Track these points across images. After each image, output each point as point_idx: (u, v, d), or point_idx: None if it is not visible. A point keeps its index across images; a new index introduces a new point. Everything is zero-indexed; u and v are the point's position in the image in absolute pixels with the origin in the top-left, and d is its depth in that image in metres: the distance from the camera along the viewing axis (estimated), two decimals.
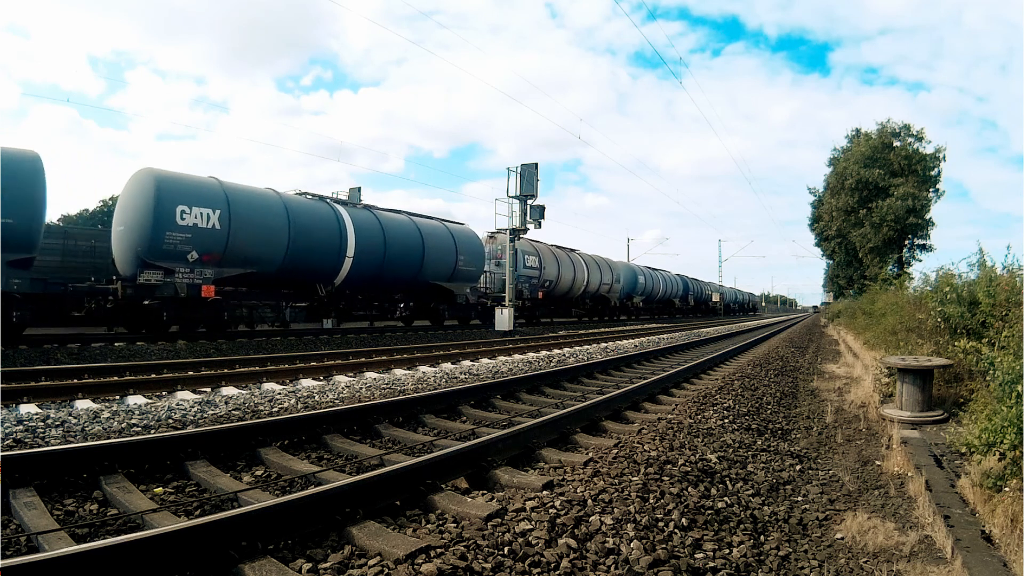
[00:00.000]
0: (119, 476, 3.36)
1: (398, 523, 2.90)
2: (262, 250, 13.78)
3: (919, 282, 11.42)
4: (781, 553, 2.98)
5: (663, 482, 3.51)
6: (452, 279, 19.66)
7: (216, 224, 12.77)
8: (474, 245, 20.97)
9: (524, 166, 20.46)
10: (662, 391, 7.18)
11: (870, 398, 6.99)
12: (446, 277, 19.43)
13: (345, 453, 4.22)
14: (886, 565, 2.88)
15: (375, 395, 6.48)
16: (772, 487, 3.99)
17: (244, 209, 13.41)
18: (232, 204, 13.13)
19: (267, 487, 3.46)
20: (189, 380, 6.94)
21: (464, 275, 20.25)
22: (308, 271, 14.94)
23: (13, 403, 5.50)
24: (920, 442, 4.97)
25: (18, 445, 4.09)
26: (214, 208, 12.78)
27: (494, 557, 2.43)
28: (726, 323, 36.67)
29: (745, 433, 5.31)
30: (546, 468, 3.89)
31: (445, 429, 5.07)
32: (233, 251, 13.11)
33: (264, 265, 13.86)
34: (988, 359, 4.56)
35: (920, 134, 28.89)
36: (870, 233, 27.78)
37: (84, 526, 2.76)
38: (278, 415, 5.25)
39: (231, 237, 13.00)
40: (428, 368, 9.13)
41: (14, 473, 3.07)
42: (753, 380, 8.40)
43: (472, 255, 20.50)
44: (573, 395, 6.95)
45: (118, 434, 4.55)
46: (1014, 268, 7.09)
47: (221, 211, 12.86)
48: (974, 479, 3.64)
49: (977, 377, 6.04)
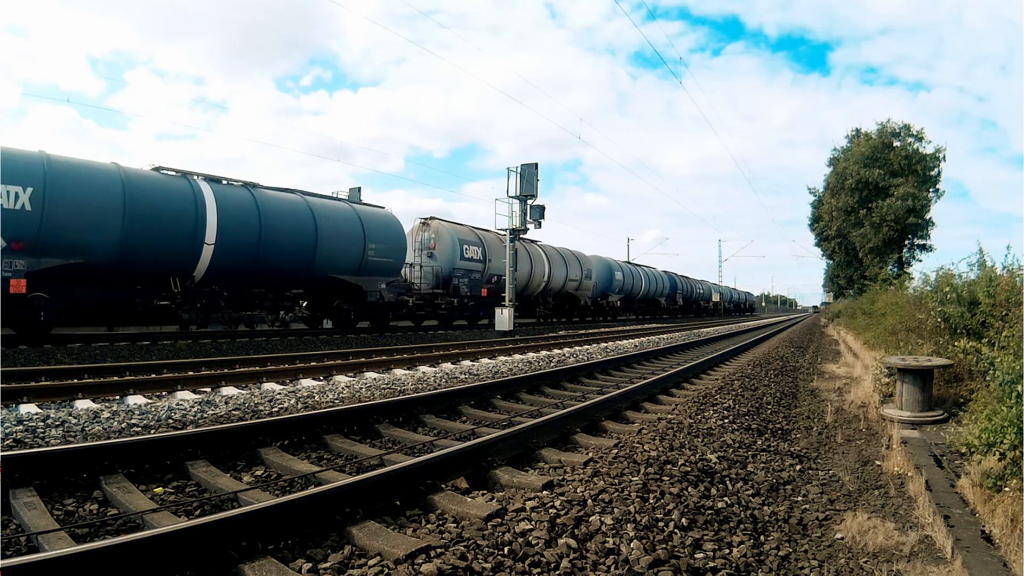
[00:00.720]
0: (119, 476, 3.36)
1: (398, 523, 2.90)
2: (89, 236, 11.29)
3: (919, 282, 11.44)
4: (781, 553, 2.98)
5: (663, 482, 3.51)
6: (361, 272, 16.31)
7: (27, 204, 10.47)
8: (392, 231, 17.53)
9: (524, 166, 20.45)
10: (662, 391, 7.18)
11: (870, 398, 6.99)
12: (352, 270, 16.08)
13: (345, 453, 4.22)
14: (886, 565, 2.88)
15: (375, 395, 6.48)
16: (772, 487, 3.99)
17: (65, 187, 11.07)
18: (50, 181, 10.86)
19: (267, 487, 3.46)
20: (189, 380, 6.94)
21: (377, 267, 16.75)
22: (154, 262, 12.36)
23: (13, 403, 5.50)
24: (920, 442, 4.97)
25: (18, 445, 4.09)
26: (25, 185, 10.52)
27: (494, 557, 2.43)
28: (718, 324, 35.01)
29: (745, 433, 5.31)
30: (546, 468, 3.89)
31: (445, 429, 5.07)
32: (49, 237, 10.75)
33: (93, 254, 11.38)
34: (988, 359, 4.56)
35: (920, 134, 28.90)
36: (870, 233, 27.77)
37: (84, 526, 2.77)
38: (278, 415, 5.25)
39: (45, 219, 10.65)
40: (428, 368, 9.13)
41: (14, 473, 3.07)
42: (753, 380, 8.40)
43: (388, 243, 17.07)
44: (573, 395, 6.95)
45: (118, 434, 4.55)
46: (1014, 268, 7.09)
47: (34, 189, 10.60)
48: (974, 479, 3.64)
49: (977, 377, 6.04)
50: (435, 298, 20.09)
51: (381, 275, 17.12)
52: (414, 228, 20.95)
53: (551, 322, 28.18)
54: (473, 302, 21.69)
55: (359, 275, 16.33)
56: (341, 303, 16.42)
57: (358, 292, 16.48)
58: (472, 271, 21.55)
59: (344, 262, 15.87)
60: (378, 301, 17.13)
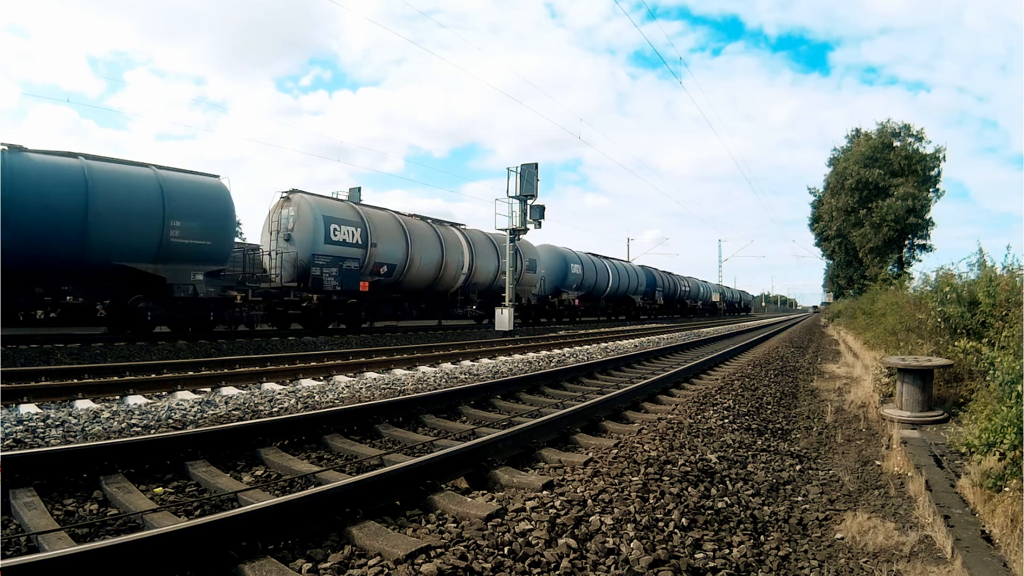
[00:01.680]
0: (119, 476, 3.36)
1: (398, 523, 2.90)
2: None
3: (919, 282, 11.43)
4: (781, 553, 2.98)
5: (663, 482, 3.51)
6: (162, 258, 12.32)
7: None
8: (213, 205, 13.30)
9: (524, 166, 20.47)
10: (662, 391, 7.18)
11: (870, 398, 6.99)
12: (148, 255, 12.17)
13: (345, 453, 4.22)
14: (886, 565, 2.88)
15: (375, 395, 6.48)
16: (772, 487, 3.99)
17: None
18: None
19: (267, 487, 3.46)
20: (189, 380, 6.94)
21: (187, 252, 12.66)
22: None
23: (13, 403, 5.50)
24: (920, 442, 4.97)
25: (18, 445, 4.10)
26: None
27: (494, 557, 2.43)
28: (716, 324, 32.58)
29: (745, 433, 5.31)
30: (546, 468, 3.89)
31: (445, 429, 5.07)
32: None
33: None
34: (988, 359, 4.56)
35: (920, 134, 28.92)
36: (870, 233, 27.78)
37: (84, 526, 2.77)
38: (278, 415, 5.25)
39: None
40: (428, 368, 9.13)
41: (14, 473, 3.07)
42: (753, 380, 8.39)
43: (206, 220, 13.01)
44: (573, 395, 6.95)
45: (118, 434, 4.55)
46: (1014, 268, 7.09)
47: None
48: (974, 479, 3.64)
49: (977, 377, 6.04)
50: (287, 293, 15.43)
51: (195, 263, 12.90)
52: (274, 205, 16.42)
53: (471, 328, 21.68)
54: (347, 298, 16.44)
55: (159, 262, 12.32)
56: (135, 299, 12.31)
57: (159, 285, 12.47)
58: (344, 258, 16.20)
59: (134, 245, 11.93)
60: (190, 296, 12.88)
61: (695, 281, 54.13)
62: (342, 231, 16.21)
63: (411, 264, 18.34)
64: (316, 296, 15.57)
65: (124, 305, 12.32)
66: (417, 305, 19.66)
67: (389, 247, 17.65)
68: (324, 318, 16.22)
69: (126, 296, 12.33)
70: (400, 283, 18.44)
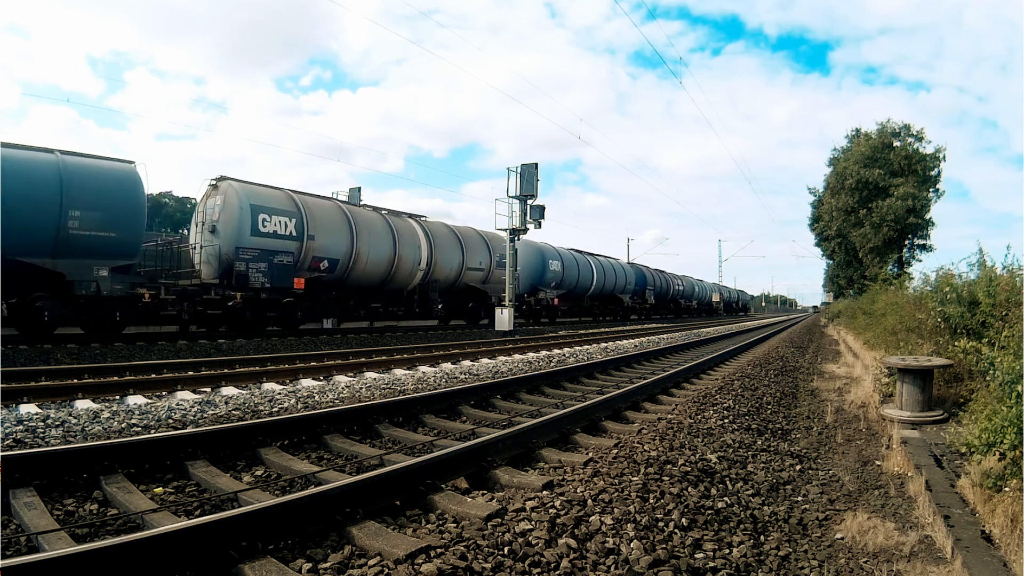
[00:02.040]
0: (119, 476, 3.36)
1: (398, 523, 2.90)
2: None
3: (919, 282, 11.44)
4: (781, 553, 2.98)
5: (663, 482, 3.51)
6: (60, 253, 11.20)
7: None
8: (120, 193, 12.05)
9: (524, 166, 20.47)
10: (662, 391, 7.18)
11: (870, 398, 6.99)
12: (45, 250, 11.07)
13: (345, 453, 4.22)
14: (886, 565, 2.88)
15: (375, 395, 6.48)
16: (772, 487, 3.99)
17: None
18: None
19: (267, 487, 3.46)
20: (189, 380, 6.94)
21: (90, 246, 11.51)
22: None
23: (13, 403, 5.50)
24: (920, 442, 4.97)
25: (18, 445, 4.10)
26: None
27: (494, 557, 2.43)
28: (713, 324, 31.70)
29: (745, 433, 5.31)
30: (546, 468, 3.89)
31: (445, 429, 5.07)
32: None
33: None
34: (988, 359, 4.56)
35: (920, 134, 28.92)
36: (870, 233, 27.78)
37: (84, 526, 2.77)
38: (278, 415, 5.25)
39: None
40: (428, 368, 9.13)
41: (14, 473, 3.07)
42: (753, 380, 8.40)
43: (112, 211, 11.79)
44: (573, 395, 6.95)
45: (118, 434, 4.54)
46: (1014, 268, 7.09)
47: None
48: (974, 479, 3.64)
49: (977, 377, 6.04)
50: (207, 291, 13.95)
51: (99, 257, 11.74)
52: (202, 195, 14.92)
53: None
54: (280, 297, 14.77)
55: (57, 257, 11.22)
56: (35, 299, 11.23)
57: (57, 281, 11.39)
58: (276, 251, 14.52)
59: (28, 237, 10.74)
60: (94, 295, 11.75)
61: (690, 280, 52.51)
62: (272, 222, 14.50)
63: (356, 259, 16.37)
64: (240, 294, 13.96)
65: (23, 303, 11.24)
66: (366, 304, 17.65)
67: (330, 239, 15.76)
68: (253, 319, 14.49)
69: (28, 295, 11.20)
70: (345, 280, 16.49)
